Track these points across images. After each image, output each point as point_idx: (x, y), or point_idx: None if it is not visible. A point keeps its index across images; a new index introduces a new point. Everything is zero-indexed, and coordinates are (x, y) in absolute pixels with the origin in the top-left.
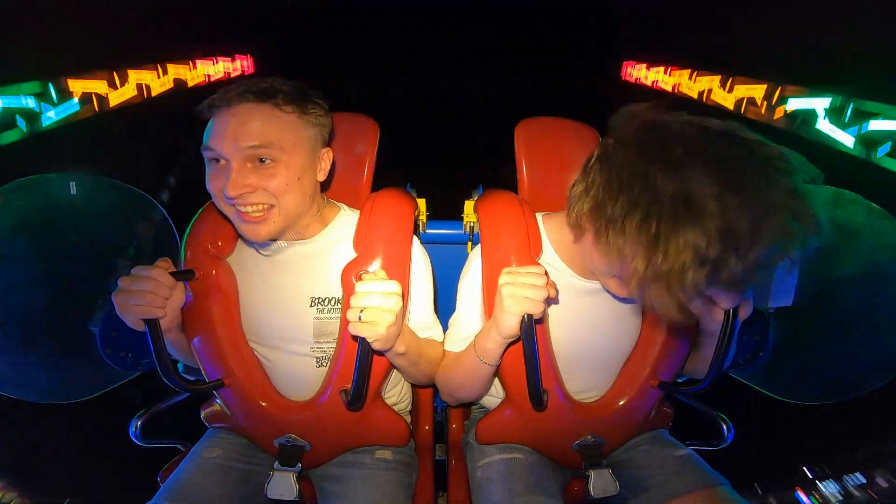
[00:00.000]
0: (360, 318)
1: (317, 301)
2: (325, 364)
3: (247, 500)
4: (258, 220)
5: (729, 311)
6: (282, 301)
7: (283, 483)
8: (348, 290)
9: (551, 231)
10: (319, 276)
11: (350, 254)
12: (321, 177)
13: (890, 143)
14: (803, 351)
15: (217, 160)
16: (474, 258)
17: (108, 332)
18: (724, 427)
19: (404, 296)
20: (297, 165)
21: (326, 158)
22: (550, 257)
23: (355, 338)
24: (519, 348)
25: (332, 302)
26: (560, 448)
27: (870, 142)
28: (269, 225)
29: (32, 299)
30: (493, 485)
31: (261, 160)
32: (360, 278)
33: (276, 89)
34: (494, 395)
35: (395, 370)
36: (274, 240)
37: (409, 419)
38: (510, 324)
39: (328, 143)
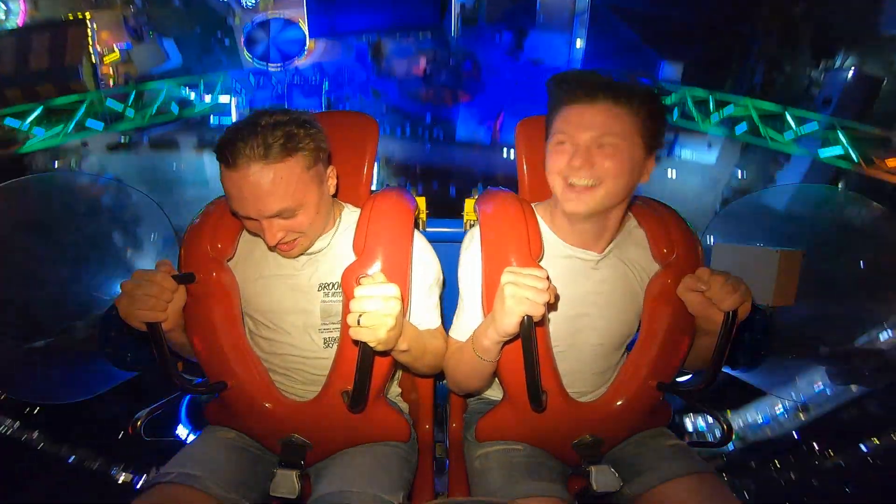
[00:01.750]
0: (359, 323)
1: (324, 286)
2: (332, 345)
3: (259, 485)
4: (291, 246)
5: (728, 312)
6: (295, 286)
7: (286, 482)
8: (348, 293)
9: (545, 214)
10: (327, 265)
11: (351, 252)
12: (331, 191)
13: None
14: (803, 351)
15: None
16: (470, 247)
17: (107, 332)
18: (724, 427)
19: (404, 298)
20: (313, 203)
21: (332, 175)
22: (549, 237)
23: (356, 342)
24: (518, 347)
25: (335, 286)
26: (558, 446)
27: None
28: (299, 248)
29: (33, 298)
30: (492, 472)
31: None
32: (359, 282)
33: (270, 143)
34: (495, 395)
35: (397, 370)
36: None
37: (406, 408)
38: (510, 323)
39: (329, 156)
